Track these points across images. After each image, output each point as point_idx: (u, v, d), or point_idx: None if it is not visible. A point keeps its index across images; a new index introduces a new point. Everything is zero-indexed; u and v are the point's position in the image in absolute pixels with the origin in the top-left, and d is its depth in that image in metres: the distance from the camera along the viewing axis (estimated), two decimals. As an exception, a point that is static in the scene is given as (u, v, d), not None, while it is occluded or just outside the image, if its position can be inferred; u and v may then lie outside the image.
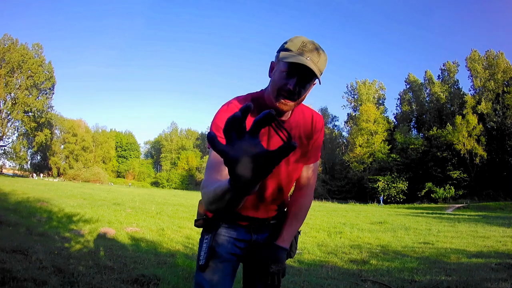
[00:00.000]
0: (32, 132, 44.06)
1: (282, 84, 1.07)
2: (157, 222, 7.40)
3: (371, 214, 15.39)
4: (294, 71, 1.04)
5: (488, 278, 3.56)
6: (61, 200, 10.40)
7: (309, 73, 1.04)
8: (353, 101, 52.43)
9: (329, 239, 6.87)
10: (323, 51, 1.08)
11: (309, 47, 1.05)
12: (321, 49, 1.08)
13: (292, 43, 1.07)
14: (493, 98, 39.83)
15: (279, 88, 1.07)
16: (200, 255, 1.21)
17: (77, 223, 6.26)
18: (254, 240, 1.27)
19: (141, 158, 74.15)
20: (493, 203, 27.94)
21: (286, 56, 1.05)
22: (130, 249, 4.47)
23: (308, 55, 1.04)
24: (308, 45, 1.05)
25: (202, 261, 1.19)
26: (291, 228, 1.27)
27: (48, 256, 3.40)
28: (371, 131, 46.30)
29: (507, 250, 5.78)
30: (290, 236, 1.26)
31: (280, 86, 1.07)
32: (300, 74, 1.04)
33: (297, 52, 1.04)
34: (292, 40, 1.08)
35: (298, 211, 1.29)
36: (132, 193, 21.45)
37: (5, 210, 6.71)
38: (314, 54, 1.05)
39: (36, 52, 42.26)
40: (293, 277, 3.64)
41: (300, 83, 1.06)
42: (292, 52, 1.05)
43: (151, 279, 2.99)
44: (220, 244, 1.22)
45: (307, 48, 1.05)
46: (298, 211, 1.29)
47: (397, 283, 3.49)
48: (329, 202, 35.66)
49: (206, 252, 1.20)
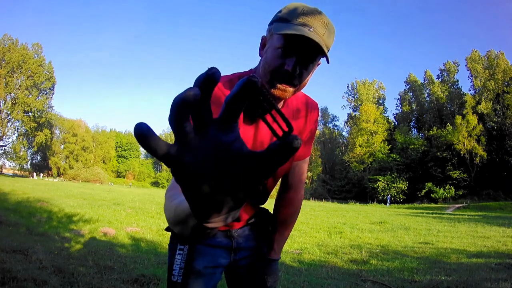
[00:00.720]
0: (32, 132, 44.04)
1: (278, 64, 0.81)
2: (157, 222, 7.39)
3: (371, 214, 15.38)
4: (292, 46, 0.78)
5: (488, 278, 3.56)
6: (61, 200, 10.40)
7: (312, 49, 0.78)
8: (353, 101, 52.41)
9: (329, 239, 6.87)
10: (329, 21, 0.81)
11: (311, 15, 0.79)
12: (327, 18, 0.81)
13: (289, 10, 0.81)
14: (493, 98, 39.83)
15: (274, 70, 0.81)
16: (174, 270, 1.01)
17: (77, 223, 6.26)
18: (236, 246, 1.09)
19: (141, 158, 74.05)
20: (493, 203, 27.92)
21: (282, 26, 0.79)
22: (130, 249, 4.47)
23: (310, 24, 0.77)
24: (310, 12, 0.79)
25: (177, 277, 1.00)
26: (282, 237, 1.16)
27: (48, 256, 3.40)
28: (371, 131, 46.28)
29: (507, 250, 5.78)
30: (281, 246, 1.17)
31: (275, 67, 0.81)
32: (300, 51, 0.79)
33: (296, 22, 0.78)
34: (288, 7, 0.82)
35: (289, 218, 1.15)
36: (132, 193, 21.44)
37: (5, 210, 6.71)
38: (319, 23, 0.78)
39: (36, 52, 42.24)
40: (293, 277, 3.63)
41: (301, 62, 0.81)
42: (290, 22, 0.79)
43: (151, 279, 2.99)
44: (198, 256, 1.02)
45: (309, 16, 0.79)
46: (290, 218, 1.15)
47: (397, 283, 3.49)
48: (329, 202, 35.64)
49: (182, 267, 1.01)
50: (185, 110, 0.27)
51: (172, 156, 0.28)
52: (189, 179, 0.29)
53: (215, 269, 1.06)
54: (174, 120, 0.28)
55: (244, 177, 0.29)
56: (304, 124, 1.03)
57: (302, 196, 1.16)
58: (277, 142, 0.28)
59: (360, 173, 45.97)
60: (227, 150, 0.29)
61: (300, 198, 1.15)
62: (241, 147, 0.30)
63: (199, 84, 0.27)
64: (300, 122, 1.02)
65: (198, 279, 1.01)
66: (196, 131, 0.29)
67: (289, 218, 1.15)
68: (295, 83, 0.83)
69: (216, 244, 1.05)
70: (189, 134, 0.29)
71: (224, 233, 1.07)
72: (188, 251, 1.01)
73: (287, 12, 0.81)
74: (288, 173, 1.10)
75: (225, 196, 0.30)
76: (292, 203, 1.14)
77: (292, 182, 1.11)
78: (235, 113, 0.29)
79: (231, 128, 0.30)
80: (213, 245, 1.05)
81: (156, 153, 0.28)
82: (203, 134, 0.29)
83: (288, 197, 1.13)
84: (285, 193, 1.14)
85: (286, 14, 0.81)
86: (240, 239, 1.10)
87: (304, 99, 1.03)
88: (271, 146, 0.28)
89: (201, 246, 1.03)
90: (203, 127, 0.29)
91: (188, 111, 0.27)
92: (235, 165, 0.29)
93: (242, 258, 1.11)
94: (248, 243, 1.12)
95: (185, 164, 0.29)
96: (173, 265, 1.02)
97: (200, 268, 1.01)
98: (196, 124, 0.29)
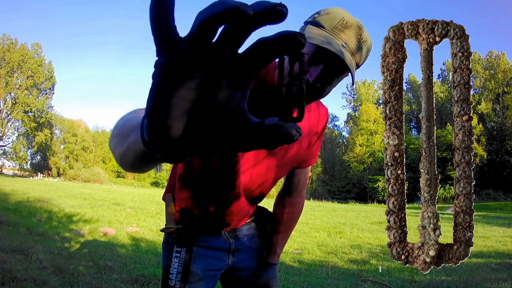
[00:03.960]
0: (32, 132, 44.08)
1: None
2: (157, 222, 7.39)
3: (371, 214, 15.38)
4: (321, 57, 0.74)
5: (488, 278, 3.56)
6: (61, 200, 10.40)
7: (341, 65, 0.75)
8: (352, 101, 52.47)
9: (329, 239, 6.87)
10: (368, 38, 0.77)
11: (350, 29, 0.74)
12: (366, 32, 0.77)
13: (328, 16, 0.75)
14: (493, 98, 39.86)
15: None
16: (171, 274, 0.97)
17: (77, 223, 6.26)
18: (234, 248, 1.05)
19: (141, 158, 74.20)
20: (493, 203, 27.97)
21: (315, 35, 0.74)
22: (130, 249, 4.47)
23: (346, 39, 0.74)
24: (350, 25, 0.75)
25: (174, 282, 0.96)
26: (283, 242, 1.15)
27: (48, 256, 3.40)
28: (371, 131, 46.33)
29: (507, 250, 5.78)
30: (282, 250, 1.15)
31: None
32: (328, 63, 0.74)
33: (332, 33, 0.73)
34: (328, 12, 0.76)
35: (290, 224, 1.14)
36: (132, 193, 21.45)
37: (5, 210, 6.71)
38: (354, 40, 0.75)
39: (35, 52, 42.27)
40: (293, 277, 3.64)
41: (325, 75, 0.75)
42: (325, 30, 0.74)
43: (151, 279, 2.99)
44: (196, 259, 0.99)
45: (348, 30, 0.74)
46: (292, 223, 1.14)
47: (397, 283, 3.49)
48: (329, 202, 35.63)
49: (180, 271, 0.97)
50: (222, 20, 0.22)
51: (179, 49, 0.24)
52: (159, 100, 0.25)
53: (213, 272, 1.03)
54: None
55: (220, 131, 0.25)
56: (316, 126, 0.99)
57: (304, 200, 1.15)
58: (274, 122, 0.25)
59: (360, 173, 46.00)
60: (225, 92, 0.25)
61: (303, 202, 1.15)
62: (240, 103, 0.26)
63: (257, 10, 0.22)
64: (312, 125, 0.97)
65: (197, 283, 0.98)
66: (197, 45, 0.24)
67: (290, 224, 1.14)
68: (314, 96, 0.78)
69: (213, 246, 1.02)
70: (180, 44, 0.25)
71: (221, 234, 1.03)
72: (185, 254, 0.97)
73: (326, 17, 0.75)
74: (293, 176, 1.08)
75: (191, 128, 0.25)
76: (295, 207, 1.13)
77: (296, 186, 1.10)
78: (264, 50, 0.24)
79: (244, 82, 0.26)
80: (210, 247, 1.02)
81: (165, 29, 0.24)
82: (201, 52, 0.24)
83: (291, 201, 1.12)
84: (288, 196, 1.12)
85: (324, 20, 0.75)
86: (238, 240, 1.06)
87: (316, 103, 0.99)
88: (267, 123, 0.25)
89: (198, 248, 1.00)
90: (205, 43, 0.24)
91: (219, 25, 0.23)
92: (222, 113, 0.25)
93: (240, 260, 1.07)
94: (247, 244, 1.08)
95: (162, 81, 0.24)
96: (169, 268, 0.98)
97: (199, 272, 0.99)
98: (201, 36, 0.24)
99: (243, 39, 0.24)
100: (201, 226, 1.00)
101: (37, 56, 42.40)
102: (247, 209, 1.02)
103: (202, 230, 1.00)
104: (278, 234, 1.13)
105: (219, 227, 1.02)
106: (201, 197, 0.96)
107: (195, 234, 0.99)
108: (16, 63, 39.71)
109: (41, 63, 42.55)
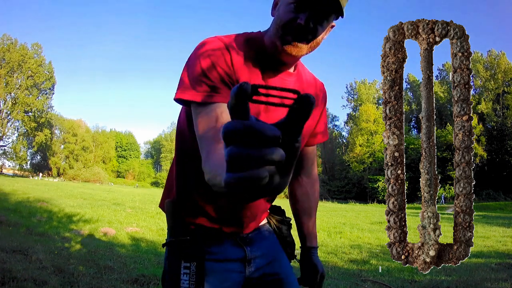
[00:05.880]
0: (32, 132, 44.07)
1: (290, 18, 0.74)
2: (157, 222, 7.39)
3: (371, 214, 15.38)
4: (306, 1, 0.73)
5: (488, 278, 3.56)
6: (61, 200, 10.40)
7: (327, 5, 0.73)
8: (352, 101, 52.48)
9: (329, 239, 6.87)
10: None
11: None
12: None
13: None
14: (493, 98, 39.88)
15: (286, 24, 0.75)
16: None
17: (77, 223, 6.26)
18: (250, 256, 0.94)
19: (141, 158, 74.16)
20: (493, 203, 27.97)
21: None
22: (130, 249, 4.47)
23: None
24: None
25: None
26: (315, 224, 1.10)
27: (48, 256, 3.40)
28: (371, 131, 46.33)
29: (507, 250, 5.78)
30: (312, 232, 1.09)
31: (287, 21, 0.74)
32: (314, 6, 0.73)
33: None
34: None
35: (315, 204, 1.11)
36: (132, 193, 21.45)
37: (5, 210, 6.71)
38: None
39: (35, 52, 42.28)
40: (293, 277, 3.64)
41: (314, 17, 0.74)
42: None
43: (151, 279, 2.99)
44: (208, 274, 0.86)
45: None
46: (315, 203, 1.11)
47: (397, 283, 3.49)
48: (329, 202, 35.62)
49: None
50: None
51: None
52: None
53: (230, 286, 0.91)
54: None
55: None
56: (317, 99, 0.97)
57: (314, 179, 1.10)
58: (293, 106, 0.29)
59: (360, 173, 46.00)
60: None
61: (316, 178, 1.11)
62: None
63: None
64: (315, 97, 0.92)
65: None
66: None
67: (315, 204, 1.10)
68: (308, 38, 0.76)
69: (226, 257, 0.91)
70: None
71: (233, 241, 0.92)
72: (196, 269, 0.85)
73: None
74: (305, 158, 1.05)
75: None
76: (313, 187, 1.09)
77: (309, 165, 1.07)
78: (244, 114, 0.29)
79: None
80: (223, 260, 0.90)
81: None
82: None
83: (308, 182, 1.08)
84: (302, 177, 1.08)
85: None
86: (253, 246, 0.95)
87: (311, 75, 0.98)
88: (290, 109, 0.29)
89: (209, 262, 0.88)
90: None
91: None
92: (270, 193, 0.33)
93: (258, 268, 0.95)
94: (263, 250, 0.97)
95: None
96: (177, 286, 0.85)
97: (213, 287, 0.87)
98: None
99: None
100: (211, 234, 0.90)
101: (37, 56, 42.40)
102: (264, 205, 0.94)
103: (212, 239, 0.90)
104: (309, 218, 1.08)
105: (232, 233, 0.92)
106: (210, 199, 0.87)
107: (204, 245, 0.88)
108: (16, 63, 39.70)
109: (41, 63, 42.55)
